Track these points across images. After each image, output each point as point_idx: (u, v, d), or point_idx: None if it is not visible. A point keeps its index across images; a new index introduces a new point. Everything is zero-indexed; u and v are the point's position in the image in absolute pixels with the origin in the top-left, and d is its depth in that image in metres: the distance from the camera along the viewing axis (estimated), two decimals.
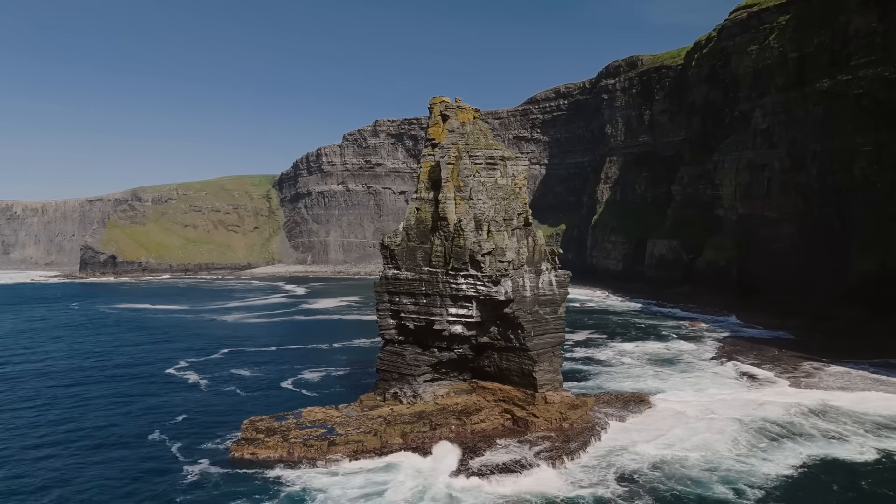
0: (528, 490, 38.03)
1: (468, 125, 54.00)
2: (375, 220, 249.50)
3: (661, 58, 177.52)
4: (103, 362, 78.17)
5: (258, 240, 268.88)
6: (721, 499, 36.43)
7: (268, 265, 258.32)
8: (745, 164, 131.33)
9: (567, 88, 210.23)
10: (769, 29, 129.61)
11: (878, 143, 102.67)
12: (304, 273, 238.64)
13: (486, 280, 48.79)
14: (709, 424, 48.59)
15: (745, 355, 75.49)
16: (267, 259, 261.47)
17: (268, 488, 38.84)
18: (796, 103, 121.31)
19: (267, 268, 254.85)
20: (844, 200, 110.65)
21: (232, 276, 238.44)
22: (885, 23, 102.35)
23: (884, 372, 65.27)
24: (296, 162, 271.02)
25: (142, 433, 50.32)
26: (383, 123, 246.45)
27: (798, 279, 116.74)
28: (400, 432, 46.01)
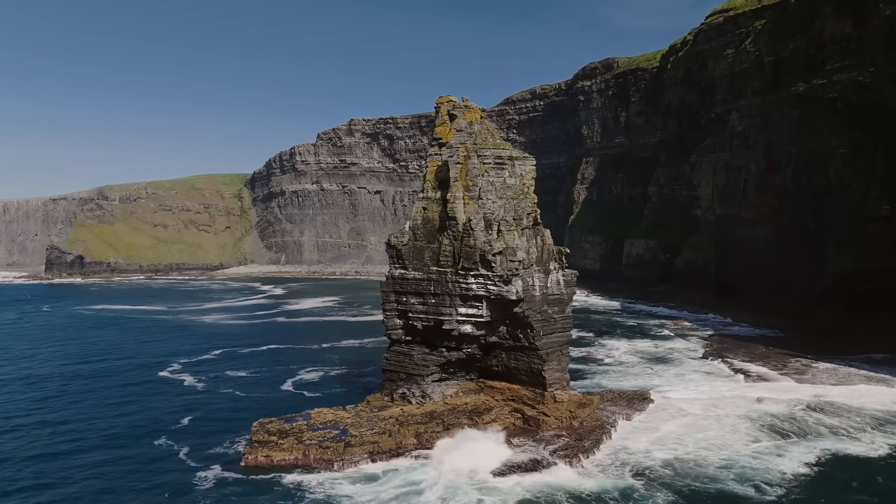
0: (552, 487, 38.40)
1: (476, 125, 54.12)
2: (351, 219, 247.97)
3: (637, 60, 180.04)
4: (91, 366, 76.20)
5: (230, 240, 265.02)
6: (741, 495, 37.18)
7: (240, 265, 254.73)
8: (723, 166, 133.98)
9: (543, 90, 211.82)
10: (745, 33, 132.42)
11: (853, 145, 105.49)
12: (279, 273, 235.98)
13: (496, 280, 48.95)
14: (718, 422, 49.52)
15: (734, 353, 77.09)
16: (239, 259, 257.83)
17: (291, 494, 38.27)
18: (772, 106, 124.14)
19: (240, 268, 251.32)
20: (819, 201, 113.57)
21: (204, 276, 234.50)
22: (859, 28, 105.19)
23: (870, 368, 67.30)
24: (269, 161, 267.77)
25: (147, 439, 49.17)
26: (358, 122, 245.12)
27: (774, 278, 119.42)
28: (414, 433, 45.90)
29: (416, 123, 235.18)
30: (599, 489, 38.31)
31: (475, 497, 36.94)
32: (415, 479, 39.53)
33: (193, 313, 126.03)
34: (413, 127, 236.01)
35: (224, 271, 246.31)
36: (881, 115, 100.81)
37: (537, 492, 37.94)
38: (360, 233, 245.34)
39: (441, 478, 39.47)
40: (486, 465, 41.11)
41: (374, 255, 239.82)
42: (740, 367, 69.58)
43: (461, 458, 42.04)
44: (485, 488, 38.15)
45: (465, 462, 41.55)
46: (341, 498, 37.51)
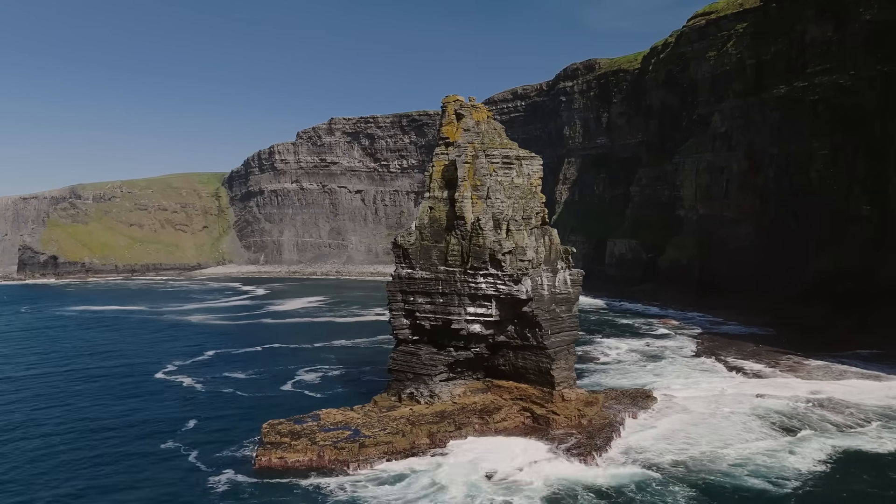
0: (571, 482, 38.80)
1: (483, 124, 54.21)
2: (331, 219, 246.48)
3: (619, 61, 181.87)
4: (83, 369, 74.68)
5: (208, 239, 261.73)
6: (758, 488, 37.86)
7: (218, 265, 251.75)
8: (705, 167, 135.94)
9: (524, 90, 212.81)
10: (727, 36, 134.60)
11: (834, 146, 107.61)
12: (258, 273, 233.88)
13: (506, 279, 49.11)
14: (726, 419, 50.23)
15: (726, 351, 78.36)
16: (217, 259, 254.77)
17: (312, 497, 37.89)
18: (754, 108, 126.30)
19: (218, 268, 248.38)
20: (801, 202, 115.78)
21: (182, 276, 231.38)
22: (840, 32, 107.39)
23: (861, 364, 68.93)
24: (247, 160, 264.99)
25: (153, 442, 48.32)
26: (339, 121, 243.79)
27: (756, 277, 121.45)
28: (427, 432, 45.88)
29: (398, 123, 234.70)
30: (617, 484, 38.79)
31: (500, 496, 37.03)
32: (436, 479, 39.47)
33: (179, 314, 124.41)
34: (394, 126, 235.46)
35: (202, 271, 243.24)
36: (861, 118, 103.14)
37: (558, 488, 38.20)
38: (340, 232, 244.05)
39: (461, 477, 39.50)
40: (503, 463, 41.26)
41: (354, 255, 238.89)
42: (734, 364, 70.76)
43: (478, 457, 42.14)
44: (506, 487, 38.28)
45: (481, 461, 41.64)
46: (368, 499, 37.29)
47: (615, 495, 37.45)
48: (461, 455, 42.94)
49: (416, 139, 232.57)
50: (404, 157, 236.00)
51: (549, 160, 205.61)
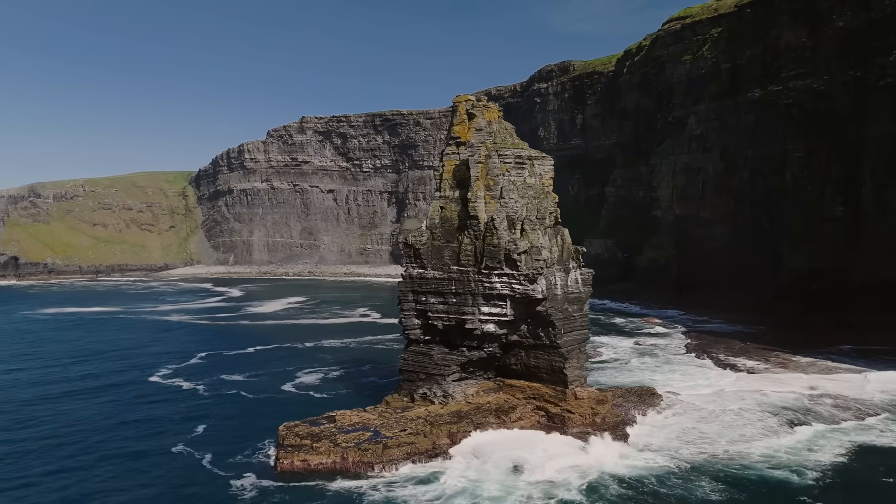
0: (599, 476, 39.31)
1: (494, 124, 54.40)
2: (302, 219, 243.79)
3: (593, 64, 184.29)
4: (73, 374, 72.19)
5: (175, 239, 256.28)
6: (782, 479, 38.93)
7: (186, 266, 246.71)
8: (682, 168, 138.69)
9: (498, 91, 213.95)
10: (702, 40, 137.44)
11: (808, 149, 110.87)
12: (228, 274, 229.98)
13: (521, 279, 49.37)
14: (738, 416, 51.24)
15: (715, 348, 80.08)
16: (185, 260, 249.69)
17: (347, 500, 37.50)
18: (729, 111, 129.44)
19: (186, 269, 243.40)
20: (775, 203, 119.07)
21: (149, 277, 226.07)
22: (813, 38, 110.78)
23: (849, 360, 71.21)
24: (215, 158, 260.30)
25: (163, 449, 47.02)
26: (310, 120, 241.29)
27: (730, 276, 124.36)
28: (447, 433, 45.86)
29: (371, 122, 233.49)
30: (646, 476, 39.66)
31: (535, 490, 37.21)
32: (469, 477, 39.57)
33: (158, 315, 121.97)
34: (367, 126, 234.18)
35: (169, 272, 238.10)
36: (835, 121, 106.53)
37: (589, 480, 38.76)
38: (312, 232, 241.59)
39: (492, 474, 39.69)
40: (530, 459, 41.48)
41: (327, 256, 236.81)
42: (727, 361, 72.43)
43: (503, 454, 42.34)
44: (539, 481, 38.50)
45: (507, 457, 41.87)
46: (406, 498, 37.12)
47: (646, 486, 38.15)
48: (486, 453, 42.96)
49: (389, 139, 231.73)
50: (377, 157, 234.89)
51: None
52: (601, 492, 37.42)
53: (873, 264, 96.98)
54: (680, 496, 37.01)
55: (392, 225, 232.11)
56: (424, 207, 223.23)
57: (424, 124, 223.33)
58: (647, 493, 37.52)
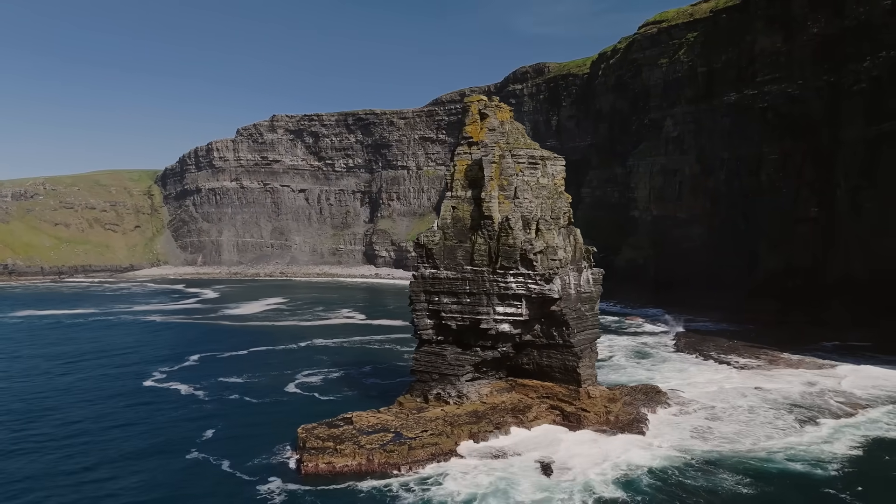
0: (626, 473, 39.68)
1: (506, 124, 54.57)
2: (273, 218, 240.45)
3: (568, 66, 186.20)
4: (62, 381, 69.27)
5: (140, 240, 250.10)
6: (805, 472, 39.97)
7: (153, 267, 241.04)
8: (659, 169, 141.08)
9: (472, 91, 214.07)
10: (678, 44, 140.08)
11: (783, 152, 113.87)
12: (196, 275, 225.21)
13: (538, 278, 49.67)
14: (749, 412, 52.45)
15: (705, 346, 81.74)
16: (152, 260, 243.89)
17: (381, 501, 37.16)
18: (705, 114, 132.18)
19: (153, 269, 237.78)
20: (750, 203, 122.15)
21: (115, 278, 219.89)
22: (788, 44, 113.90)
23: (835, 357, 73.55)
24: (183, 157, 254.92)
25: (176, 456, 45.91)
26: (281, 119, 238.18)
27: (707, 275, 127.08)
28: (468, 433, 45.91)
29: (343, 121, 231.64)
30: (666, 470, 40.40)
31: (573, 490, 37.47)
32: (498, 475, 39.58)
33: (135, 315, 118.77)
34: (339, 125, 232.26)
35: (135, 273, 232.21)
36: (809, 125, 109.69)
37: (619, 478, 39.12)
38: (283, 232, 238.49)
39: (521, 471, 39.90)
40: (556, 459, 41.83)
41: (298, 256, 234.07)
42: (720, 359, 74.04)
43: (527, 452, 42.58)
44: (568, 478, 38.76)
45: (532, 455, 42.13)
46: (443, 497, 36.95)
47: (675, 480, 39.09)
48: (510, 453, 43.11)
49: (362, 138, 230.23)
50: (350, 157, 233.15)
51: None
52: (636, 486, 37.96)
53: (847, 263, 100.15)
54: (709, 489, 37.80)
55: (365, 225, 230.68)
56: (398, 207, 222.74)
57: (398, 124, 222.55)
58: (678, 486, 38.23)
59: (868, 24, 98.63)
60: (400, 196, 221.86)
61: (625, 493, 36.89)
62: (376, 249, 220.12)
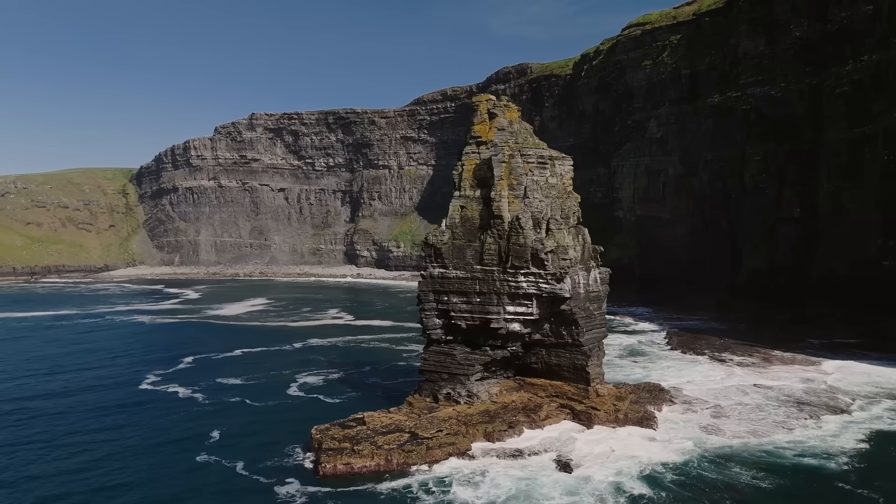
0: (646, 469, 40.07)
1: (515, 124, 54.71)
2: (252, 218, 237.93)
3: (550, 66, 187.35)
4: (52, 385, 67.17)
5: (115, 239, 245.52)
6: (817, 466, 40.80)
7: (129, 267, 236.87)
8: (643, 170, 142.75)
9: (454, 91, 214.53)
10: (662, 46, 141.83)
11: (766, 153, 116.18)
12: (174, 275, 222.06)
13: (549, 278, 49.88)
14: (759, 410, 53.04)
15: (697, 344, 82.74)
16: (127, 260, 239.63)
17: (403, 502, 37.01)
18: (689, 115, 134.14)
19: (128, 270, 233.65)
20: (733, 204, 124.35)
21: (89, 279, 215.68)
22: (771, 47, 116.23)
23: (827, 354, 74.80)
24: (159, 155, 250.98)
25: (187, 459, 44.82)
26: (260, 117, 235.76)
27: (690, 274, 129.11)
28: (483, 432, 45.91)
29: (324, 120, 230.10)
30: (685, 465, 40.92)
31: (600, 488, 37.65)
32: (519, 475, 39.64)
33: (119, 316, 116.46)
34: (320, 124, 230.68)
35: (110, 273, 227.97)
36: (792, 127, 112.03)
37: (641, 474, 39.46)
38: (262, 232, 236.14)
39: (541, 470, 40.05)
40: (573, 457, 42.00)
41: (278, 256, 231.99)
42: (715, 356, 75.04)
43: (545, 451, 42.75)
44: (589, 479, 38.93)
45: (550, 454, 42.33)
46: (467, 500, 36.87)
47: (695, 474, 39.52)
48: (526, 452, 43.23)
49: (343, 137, 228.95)
50: (331, 156, 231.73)
51: None
52: (661, 483, 38.27)
53: (829, 262, 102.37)
54: (729, 483, 38.35)
55: (346, 224, 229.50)
56: (380, 207, 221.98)
57: (379, 123, 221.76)
58: (699, 481, 38.69)
59: (850, 29, 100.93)
60: (381, 195, 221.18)
61: (652, 490, 37.14)
62: (357, 249, 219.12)
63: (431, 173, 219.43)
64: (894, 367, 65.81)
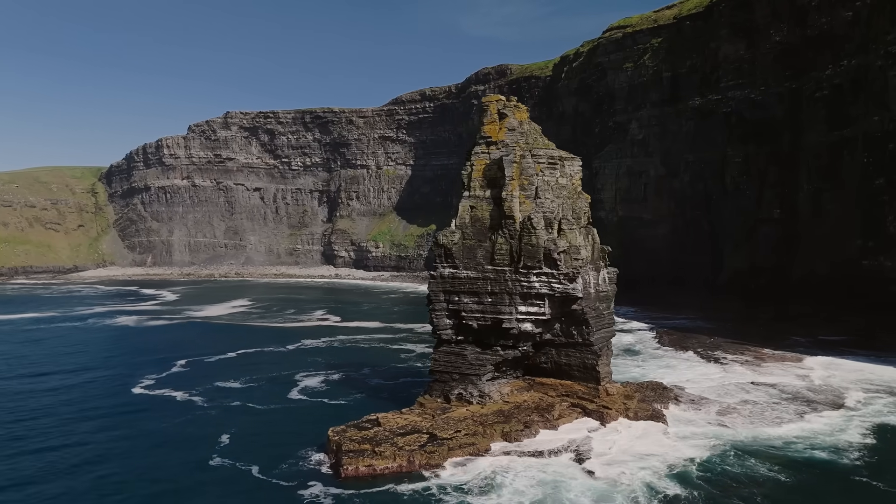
0: (668, 467, 40.40)
1: (525, 124, 54.85)
2: (227, 218, 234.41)
3: (530, 68, 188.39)
4: (41, 390, 64.94)
5: (85, 239, 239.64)
6: (829, 460, 41.75)
7: (99, 268, 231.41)
8: (625, 171, 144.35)
9: (433, 91, 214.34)
10: (643, 49, 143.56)
11: (747, 154, 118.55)
12: (147, 276, 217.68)
13: (561, 277, 50.12)
14: (757, 406, 54.08)
15: (689, 343, 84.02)
16: (97, 261, 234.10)
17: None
18: (670, 118, 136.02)
19: (99, 270, 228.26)
20: (714, 205, 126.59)
21: (58, 280, 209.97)
22: (751, 51, 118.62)
23: (818, 351, 76.55)
24: (130, 153, 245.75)
25: (200, 462, 43.88)
26: (235, 115, 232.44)
27: (671, 274, 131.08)
28: (500, 432, 45.90)
29: (300, 119, 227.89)
30: (707, 461, 41.49)
31: (634, 486, 37.85)
32: (544, 473, 39.75)
33: (99, 318, 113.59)
34: (296, 123, 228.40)
35: (80, 274, 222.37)
36: (772, 129, 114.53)
37: (668, 471, 39.91)
38: (237, 232, 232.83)
39: (564, 469, 40.28)
40: (592, 456, 42.23)
41: (254, 256, 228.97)
42: (708, 355, 76.23)
43: (565, 454, 42.91)
44: (611, 477, 39.14)
45: (567, 457, 42.53)
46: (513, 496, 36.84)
47: (718, 469, 40.16)
48: (545, 451, 43.33)
49: (320, 136, 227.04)
50: (307, 155, 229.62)
51: (459, 162, 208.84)
52: (689, 480, 38.70)
53: (810, 262, 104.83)
54: (752, 478, 39.09)
55: (324, 225, 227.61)
56: (358, 207, 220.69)
57: (357, 123, 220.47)
58: (724, 476, 39.33)
59: (830, 34, 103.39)
60: (360, 195, 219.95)
61: (685, 489, 37.38)
62: (335, 249, 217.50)
63: (410, 173, 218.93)
64: (884, 364, 67.64)
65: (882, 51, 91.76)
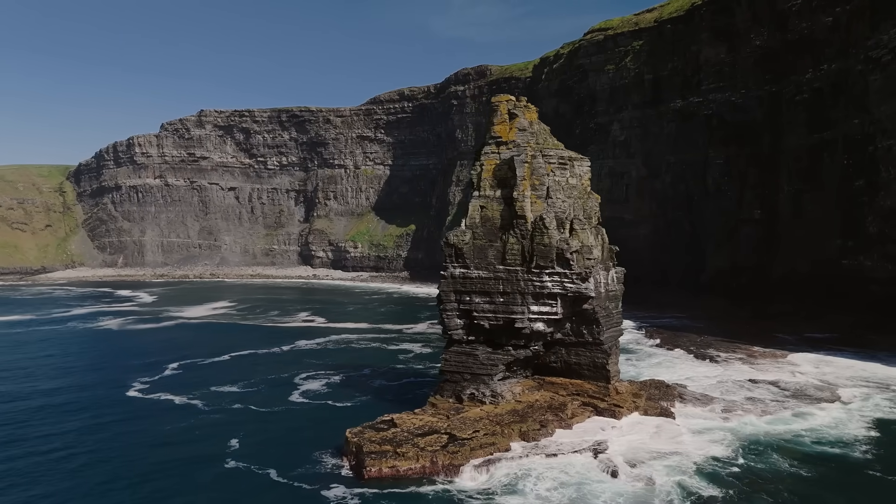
0: (694, 466, 40.83)
1: (535, 124, 54.96)
2: (201, 217, 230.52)
3: (510, 69, 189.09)
4: (31, 394, 62.90)
5: (52, 240, 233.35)
6: (841, 454, 42.85)
7: (68, 269, 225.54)
8: (607, 172, 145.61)
9: (411, 91, 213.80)
10: (624, 52, 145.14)
11: (728, 156, 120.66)
12: (119, 277, 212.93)
13: (574, 277, 50.34)
14: (760, 402, 54.94)
15: (681, 342, 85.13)
16: (65, 262, 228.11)
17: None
18: (651, 119, 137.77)
19: (68, 271, 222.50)
20: (696, 206, 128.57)
21: (26, 281, 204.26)
22: (732, 54, 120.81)
23: (808, 348, 78.08)
24: (100, 151, 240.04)
25: (212, 465, 43.00)
26: (210, 114, 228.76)
27: (653, 274, 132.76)
28: (518, 432, 45.89)
29: (276, 118, 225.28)
30: (726, 457, 42.06)
31: (667, 485, 38.06)
32: (566, 473, 39.87)
33: (81, 321, 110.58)
34: (272, 121, 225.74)
35: (49, 275, 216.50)
36: (752, 131, 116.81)
37: (694, 468, 40.32)
38: (212, 232, 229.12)
39: (584, 468, 40.50)
40: (612, 456, 42.44)
41: (229, 257, 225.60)
42: (702, 354, 77.27)
43: (585, 453, 43.08)
44: (637, 478, 39.34)
45: (586, 456, 42.71)
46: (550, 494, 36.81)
47: (739, 464, 40.83)
48: (565, 451, 43.45)
49: (297, 136, 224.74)
50: (284, 154, 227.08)
51: (438, 162, 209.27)
52: (717, 476, 39.15)
53: (791, 262, 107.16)
54: (775, 472, 39.93)
55: (300, 225, 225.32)
56: (336, 207, 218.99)
57: (335, 122, 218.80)
58: (750, 472, 39.83)
59: (811, 39, 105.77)
60: (337, 195, 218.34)
61: (716, 487, 37.66)
62: (313, 250, 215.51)
63: (389, 173, 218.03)
64: (874, 362, 69.34)
65: (862, 55, 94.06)
